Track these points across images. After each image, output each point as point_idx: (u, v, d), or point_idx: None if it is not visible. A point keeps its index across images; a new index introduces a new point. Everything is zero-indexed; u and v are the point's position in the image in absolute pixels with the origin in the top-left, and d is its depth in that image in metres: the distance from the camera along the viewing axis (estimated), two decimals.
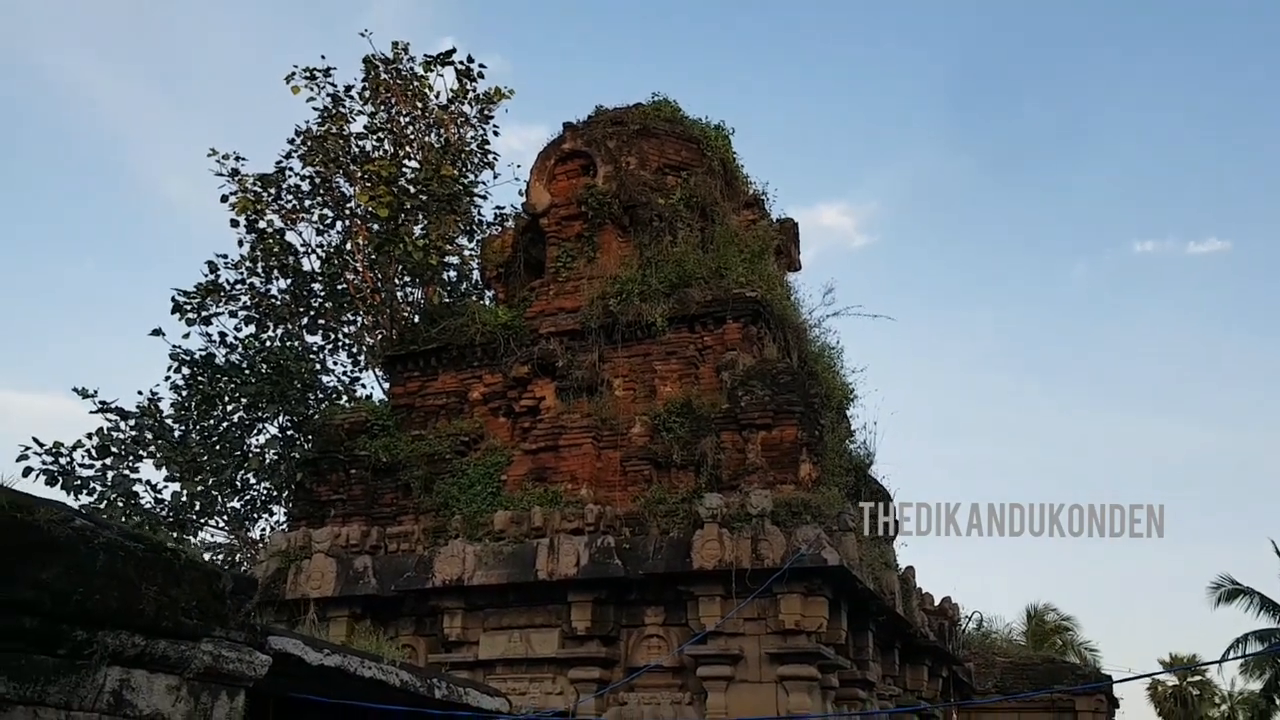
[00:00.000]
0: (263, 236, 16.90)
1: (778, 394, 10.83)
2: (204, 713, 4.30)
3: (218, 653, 4.30)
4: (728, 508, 10.00)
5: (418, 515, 11.94)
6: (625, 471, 11.28)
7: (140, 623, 3.93)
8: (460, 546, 10.88)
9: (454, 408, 12.63)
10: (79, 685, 3.78)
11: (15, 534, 3.48)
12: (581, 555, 10.36)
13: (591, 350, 11.89)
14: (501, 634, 10.84)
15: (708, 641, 9.75)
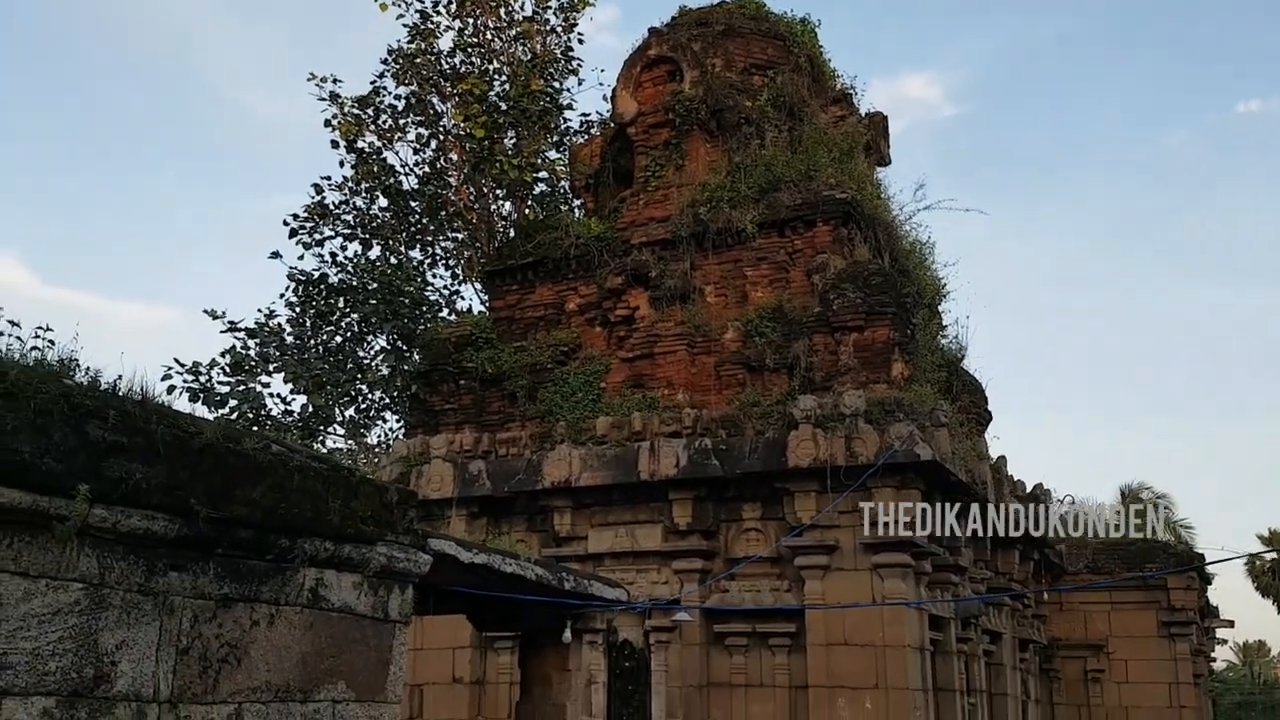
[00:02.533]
0: (363, 157, 17.62)
1: (869, 296, 11.18)
2: (382, 604, 5.10)
3: (390, 554, 5.06)
4: (821, 409, 10.51)
5: (524, 422, 12.74)
6: (719, 376, 11.83)
7: (328, 531, 4.68)
8: (566, 450, 11.67)
9: (552, 319, 13.29)
10: (285, 584, 4.56)
11: (228, 460, 4.20)
12: (680, 457, 11.04)
13: (683, 258, 12.34)
14: (608, 529, 11.68)
15: (804, 534, 10.40)
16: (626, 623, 11.11)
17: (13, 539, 3.48)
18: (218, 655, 4.21)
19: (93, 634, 3.72)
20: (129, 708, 3.81)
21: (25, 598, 3.51)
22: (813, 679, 10.07)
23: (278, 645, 4.47)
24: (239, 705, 4.26)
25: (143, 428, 3.82)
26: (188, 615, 4.09)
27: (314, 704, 4.61)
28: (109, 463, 3.68)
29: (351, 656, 4.86)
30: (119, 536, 3.81)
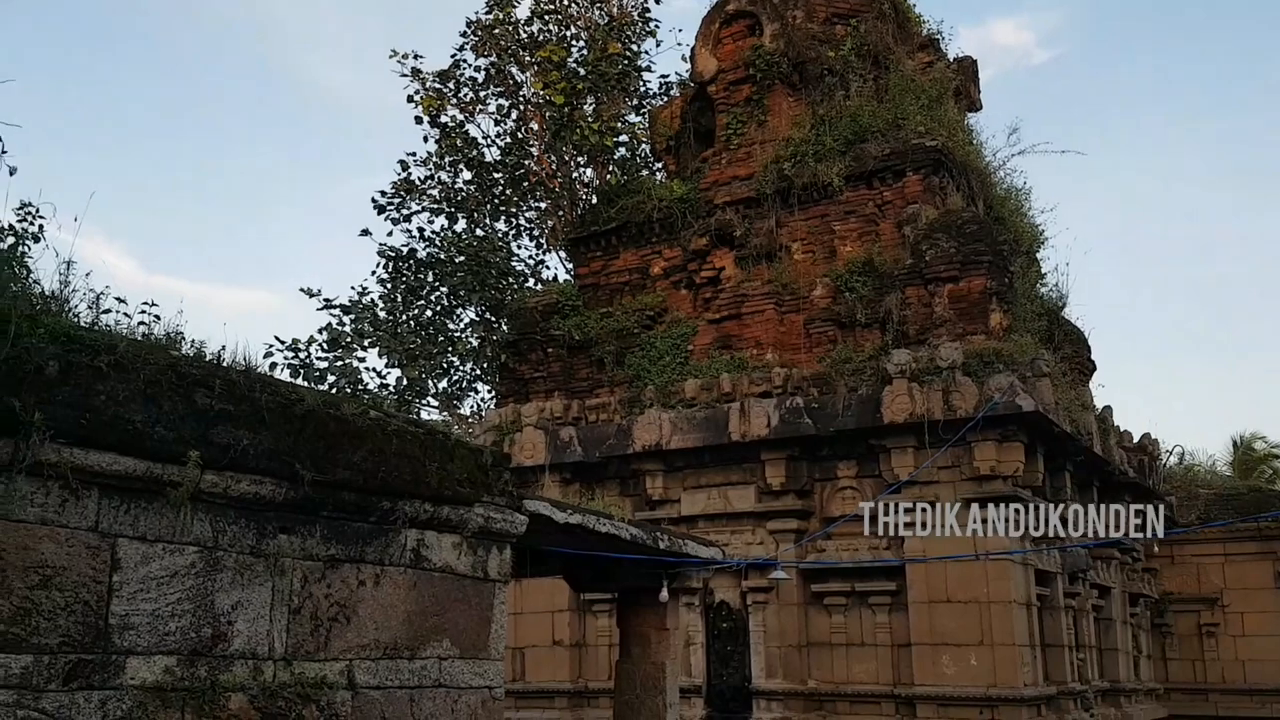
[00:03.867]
0: (446, 131, 17.91)
1: (963, 245, 10.95)
2: (481, 564, 5.23)
3: (487, 515, 5.19)
4: (916, 362, 10.36)
5: (612, 387, 12.86)
6: (809, 334, 11.75)
7: (427, 493, 4.81)
8: (656, 414, 11.74)
9: (637, 284, 13.35)
10: (388, 545, 4.71)
11: (329, 426, 4.35)
12: (771, 416, 11.02)
13: (768, 216, 12.25)
14: (700, 492, 11.74)
15: (902, 491, 10.30)
16: (723, 585, 11.19)
17: (129, 505, 3.67)
18: (328, 614, 4.38)
19: (209, 595, 3.91)
20: (246, 665, 4.00)
21: (144, 561, 3.71)
22: (915, 637, 10.01)
23: (384, 604, 4.64)
24: (350, 662, 4.43)
25: (247, 395, 3.97)
26: (298, 576, 4.26)
27: (421, 660, 4.78)
28: (217, 430, 3.84)
29: (454, 615, 5.01)
30: (229, 501, 3.98)
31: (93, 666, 3.49)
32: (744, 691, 10.96)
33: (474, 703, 5.05)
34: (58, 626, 3.40)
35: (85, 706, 3.44)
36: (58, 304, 3.55)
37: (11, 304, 3.26)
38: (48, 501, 3.41)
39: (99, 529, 3.57)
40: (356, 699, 4.43)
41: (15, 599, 3.30)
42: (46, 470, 3.35)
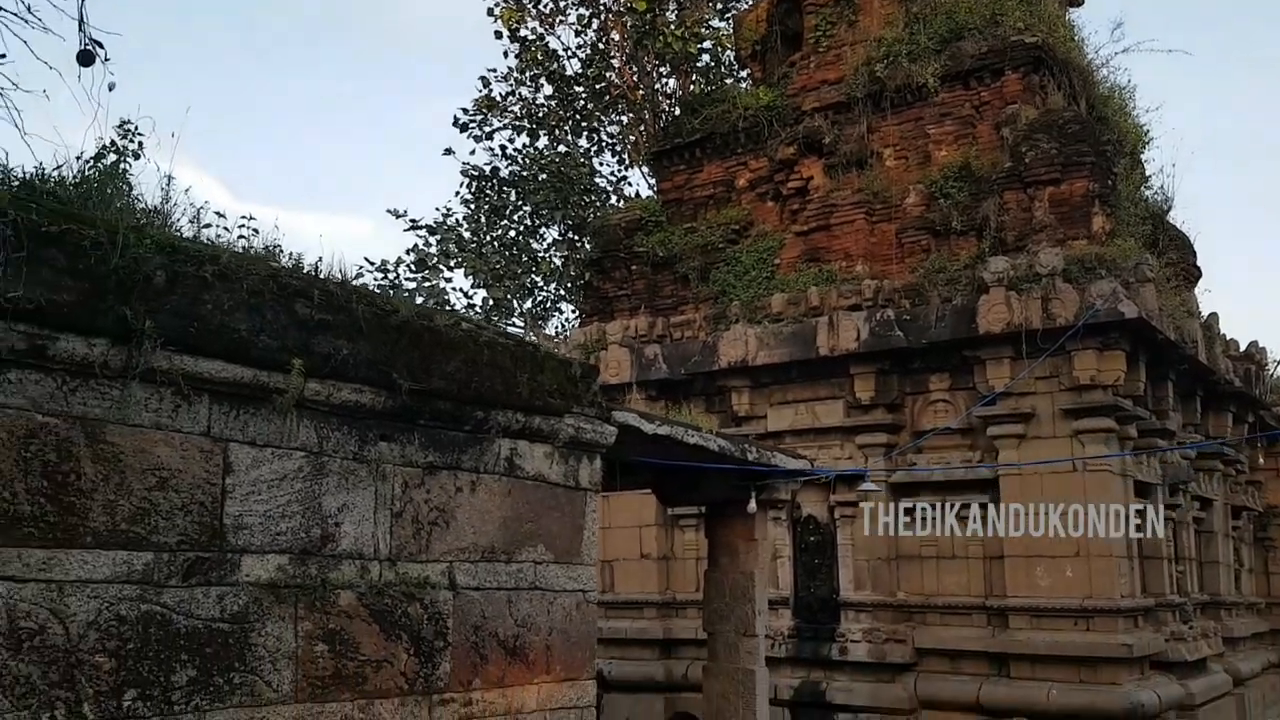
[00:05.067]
0: (526, 45, 17.83)
1: (1065, 145, 10.59)
2: (573, 473, 5.39)
3: (577, 425, 5.32)
4: (1014, 269, 10.13)
5: (697, 304, 12.87)
6: (901, 244, 11.54)
7: (519, 403, 4.95)
8: (742, 330, 11.74)
9: (722, 197, 13.24)
10: (482, 454, 4.88)
11: (423, 336, 4.49)
12: (861, 329, 10.93)
13: (858, 121, 11.99)
14: (787, 407, 11.76)
15: (997, 402, 10.17)
16: (810, 499, 11.27)
17: (238, 411, 3.87)
18: (428, 519, 4.58)
19: (316, 498, 4.12)
20: (353, 565, 4.22)
21: (254, 465, 3.92)
22: (1009, 549, 9.98)
23: (480, 510, 4.82)
24: (450, 564, 4.64)
25: (344, 306, 4.12)
26: (398, 481, 4.46)
27: (517, 564, 4.97)
28: (317, 339, 4.00)
29: (548, 522, 5.19)
30: (332, 409, 4.17)
31: (210, 564, 3.72)
32: (832, 603, 11.11)
33: (569, 605, 5.25)
34: (176, 526, 3.63)
35: (204, 601, 3.69)
36: (161, 217, 3.71)
37: (118, 216, 3.42)
38: (161, 407, 3.61)
39: (211, 434, 3.77)
40: (458, 599, 4.65)
41: (135, 499, 3.53)
42: (159, 377, 3.55)
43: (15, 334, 3.16)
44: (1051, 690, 9.55)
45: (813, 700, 10.79)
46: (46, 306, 3.19)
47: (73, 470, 3.35)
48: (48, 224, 3.20)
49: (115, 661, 3.41)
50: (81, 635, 3.33)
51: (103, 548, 3.41)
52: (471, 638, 4.70)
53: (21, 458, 3.23)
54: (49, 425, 3.31)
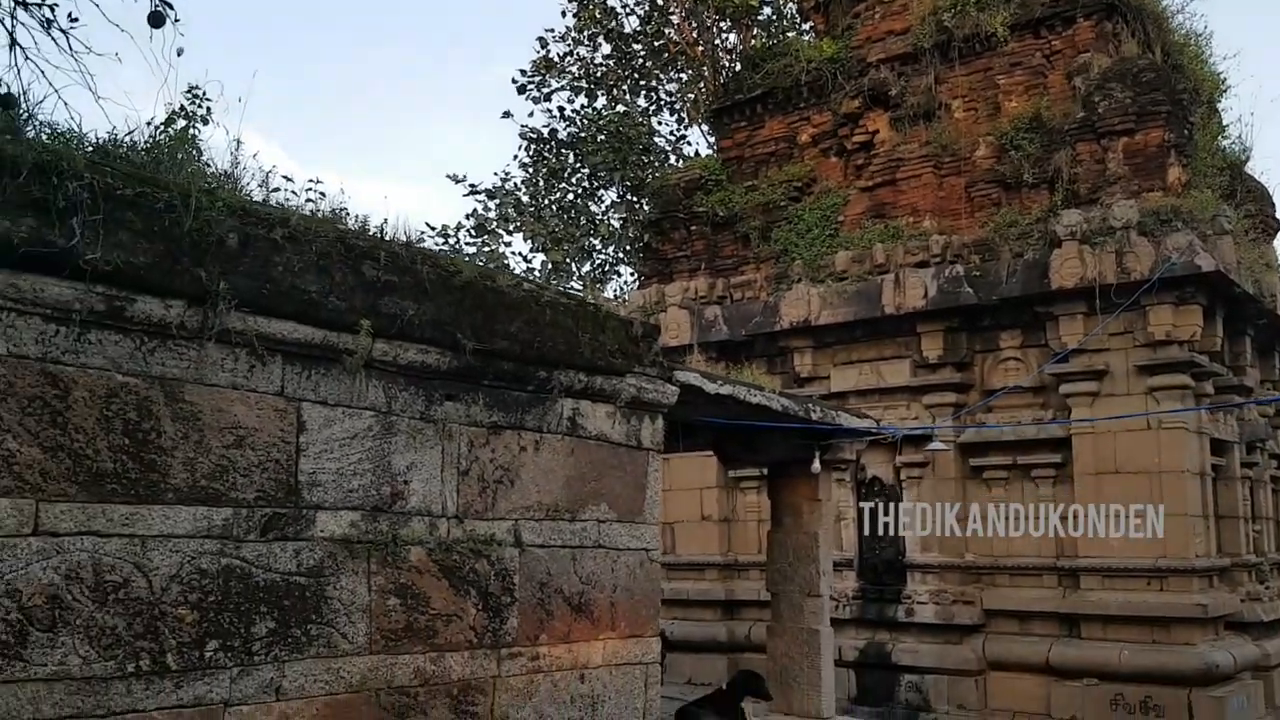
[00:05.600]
0: (584, 3, 17.74)
1: (1139, 95, 10.30)
2: (635, 433, 5.44)
3: (639, 385, 5.37)
4: (1087, 223, 9.94)
5: (758, 264, 12.81)
6: (970, 198, 11.36)
7: (581, 363, 5.01)
8: (804, 289, 11.68)
9: (784, 153, 13.12)
10: (545, 414, 4.95)
11: (486, 297, 4.56)
12: (929, 286, 10.80)
13: (926, 73, 11.77)
14: (851, 368, 11.69)
15: (1070, 359, 10.01)
16: (875, 460, 11.22)
17: (310, 371, 3.98)
18: (493, 477, 4.68)
19: (386, 456, 4.23)
20: (423, 521, 4.34)
21: (326, 424, 4.03)
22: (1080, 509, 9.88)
23: (544, 469, 4.91)
24: (516, 522, 4.74)
25: (410, 267, 4.20)
26: (464, 441, 4.55)
27: (581, 522, 5.06)
28: (384, 300, 4.09)
29: (610, 481, 5.26)
30: (399, 369, 4.26)
31: (286, 519, 3.85)
32: (897, 565, 11.09)
33: (632, 563, 5.33)
34: (253, 483, 3.76)
35: (281, 555, 3.82)
36: (231, 181, 3.81)
37: (190, 180, 3.52)
38: (237, 367, 3.73)
39: (284, 393, 3.89)
40: (523, 556, 4.75)
41: (213, 457, 3.66)
42: (233, 338, 3.66)
43: (94, 295, 3.29)
44: (1123, 651, 9.47)
45: (878, 661, 10.82)
46: (124, 268, 3.30)
47: (153, 429, 3.49)
48: (122, 187, 3.31)
49: (197, 613, 3.55)
50: (164, 588, 3.48)
51: (183, 504, 3.55)
52: (537, 594, 4.80)
53: (104, 416, 3.37)
54: (129, 385, 3.44)
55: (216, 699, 3.57)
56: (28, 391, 3.20)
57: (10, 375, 3.16)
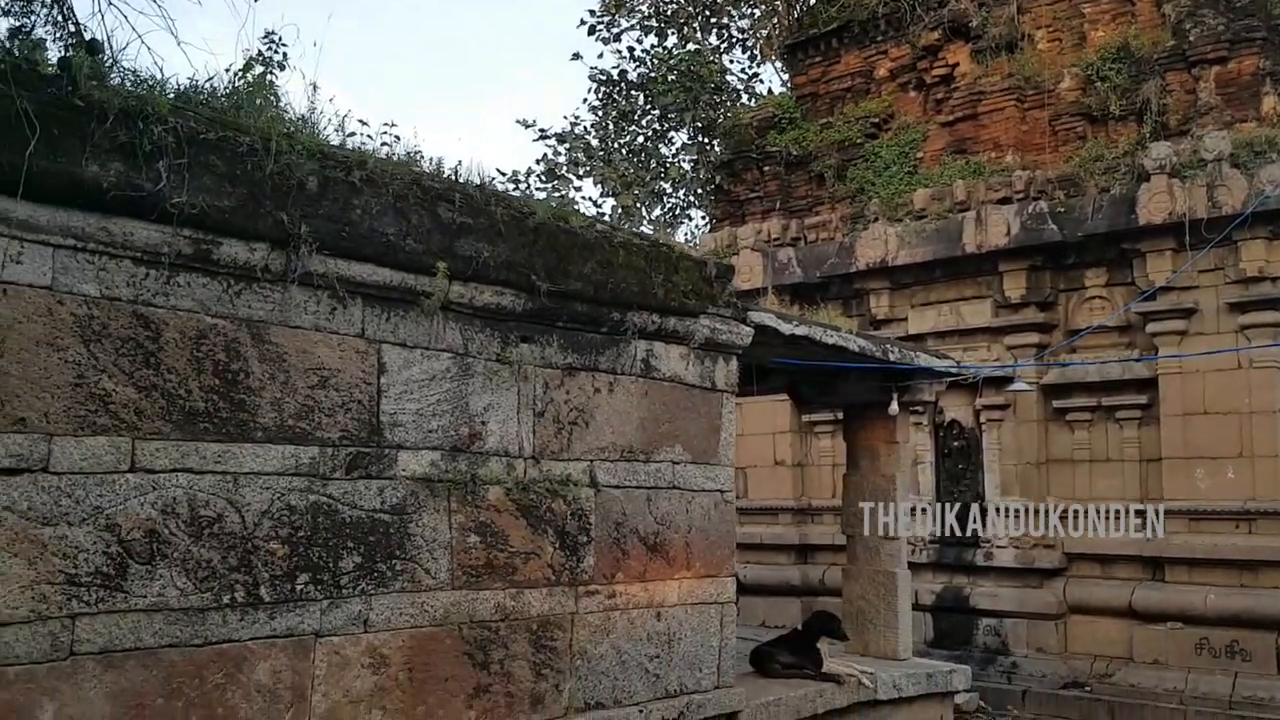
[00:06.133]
0: None
1: (1233, 21, 9.87)
2: (709, 375, 5.46)
3: (713, 326, 5.38)
4: (1177, 156, 9.61)
5: (833, 203, 12.63)
6: (1054, 131, 11.04)
7: (654, 304, 5.03)
8: (881, 229, 11.50)
9: (860, 89, 12.86)
10: (619, 355, 5.00)
11: (559, 238, 4.59)
12: (1011, 224, 10.56)
13: (1008, 2, 11.39)
14: (930, 309, 11.51)
15: (1157, 297, 9.74)
16: (953, 403, 11.09)
17: (389, 313, 4.06)
18: (568, 418, 4.75)
19: (463, 398, 4.31)
20: (500, 462, 4.43)
21: (405, 365, 4.13)
22: (1166, 450, 9.67)
23: (618, 411, 4.96)
24: (591, 463, 4.81)
25: (484, 209, 4.25)
26: (539, 382, 4.62)
27: (655, 464, 5.12)
28: (460, 242, 4.15)
29: (684, 423, 5.30)
30: (475, 311, 4.33)
31: (370, 458, 3.97)
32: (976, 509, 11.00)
33: (707, 504, 5.39)
34: (337, 422, 3.88)
35: (366, 493, 3.95)
36: (308, 125, 3.88)
37: (270, 124, 3.59)
38: (319, 309, 3.83)
39: (365, 335, 3.98)
40: (599, 496, 4.83)
41: (299, 397, 3.77)
42: (315, 280, 3.75)
43: (182, 239, 3.39)
44: (1209, 594, 9.31)
45: (955, 605, 10.80)
46: (209, 211, 3.40)
47: (241, 369, 3.61)
48: (205, 131, 3.39)
49: (287, 548, 3.70)
50: (256, 523, 3.62)
51: (272, 442, 3.67)
52: (613, 533, 4.88)
53: (194, 357, 3.49)
54: (218, 326, 3.56)
55: (308, 630, 3.73)
56: (121, 333, 3.33)
57: (104, 317, 3.29)
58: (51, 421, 3.16)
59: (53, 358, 3.17)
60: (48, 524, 3.14)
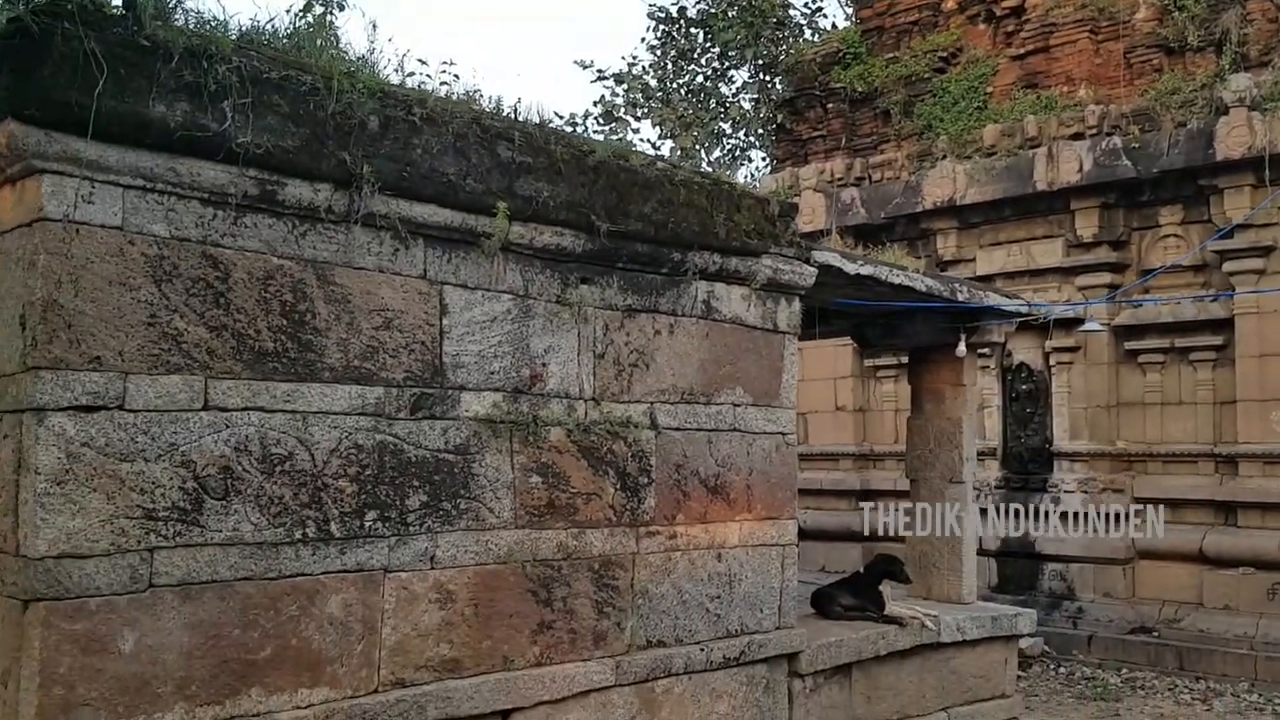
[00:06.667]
0: None
1: None
2: (771, 316, 5.43)
3: (775, 266, 5.33)
4: (1257, 88, 9.28)
5: (899, 141, 12.41)
6: (1129, 64, 10.70)
7: (715, 244, 4.99)
8: (949, 167, 11.28)
9: (927, 22, 12.55)
10: (679, 296, 4.98)
11: (619, 177, 4.56)
12: (1084, 160, 10.31)
13: None
14: (998, 249, 11.31)
15: (1235, 235, 9.47)
16: (1022, 345, 10.93)
17: (450, 255, 4.09)
18: (628, 360, 4.76)
19: (524, 339, 4.34)
20: (561, 403, 4.46)
21: (467, 307, 4.16)
22: (1241, 393, 9.46)
23: (679, 353, 4.96)
24: (651, 405, 4.83)
25: (544, 148, 4.24)
26: (599, 324, 4.63)
27: (716, 406, 5.12)
28: (520, 182, 4.15)
29: (745, 365, 5.28)
30: (535, 252, 4.34)
31: (433, 399, 4.02)
32: (1044, 453, 10.88)
33: (768, 447, 5.38)
34: (401, 363, 3.93)
35: (430, 433, 4.01)
36: (368, 65, 3.88)
37: (331, 63, 3.61)
38: (382, 250, 3.87)
39: (427, 276, 4.02)
40: (659, 438, 4.85)
41: (364, 338, 3.83)
42: (378, 221, 3.78)
43: (247, 179, 3.43)
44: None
45: (1021, 550, 10.73)
46: (274, 151, 3.43)
47: (308, 310, 3.66)
48: (268, 70, 3.42)
49: (356, 485, 3.78)
50: (325, 461, 3.70)
51: (339, 382, 3.74)
52: (674, 475, 4.91)
53: (262, 297, 3.56)
54: (284, 267, 3.61)
55: (377, 565, 3.82)
56: (191, 273, 3.39)
57: (175, 258, 3.36)
58: (126, 360, 3.25)
59: (126, 297, 3.25)
60: (125, 460, 3.24)
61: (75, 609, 3.13)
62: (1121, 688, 8.94)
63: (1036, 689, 8.85)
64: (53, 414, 3.11)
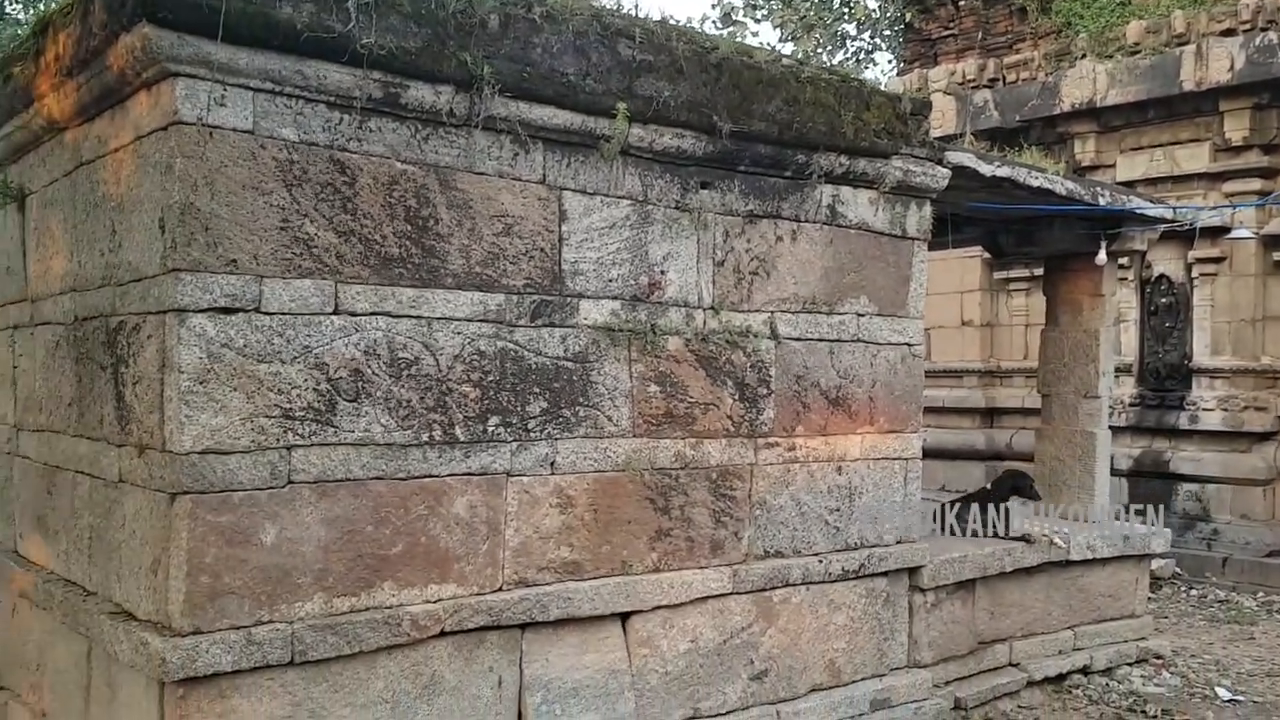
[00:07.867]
0: None
1: None
2: (899, 221, 5.28)
3: (905, 168, 5.16)
4: None
5: (1035, 40, 11.85)
6: None
7: (842, 145, 4.85)
8: (1089, 66, 10.73)
9: None
10: (803, 201, 4.88)
11: (743, 74, 4.45)
12: (1236, 58, 9.70)
13: None
14: (1141, 154, 10.78)
15: None
16: (1163, 256, 10.45)
17: (568, 159, 4.07)
18: (748, 268, 4.70)
19: (643, 246, 4.32)
20: (679, 312, 4.45)
21: (585, 213, 4.15)
22: None
23: (801, 260, 4.88)
24: (771, 314, 4.78)
25: (665, 45, 4.15)
26: (719, 231, 4.58)
27: (838, 315, 5.03)
28: (640, 82, 4.08)
29: (871, 272, 5.16)
30: (655, 155, 4.29)
31: (552, 306, 4.05)
32: (1182, 369, 10.45)
33: (893, 358, 5.29)
34: (521, 270, 3.96)
35: (549, 340, 4.05)
36: None
37: None
38: (502, 155, 3.87)
39: (546, 182, 4.02)
40: (779, 348, 4.81)
41: (485, 245, 3.87)
42: (498, 124, 3.78)
43: (372, 82, 3.46)
44: None
45: (1154, 470, 10.40)
46: (396, 53, 3.44)
47: (431, 216, 3.71)
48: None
49: (479, 391, 3.86)
50: (449, 366, 3.78)
51: (461, 289, 3.79)
52: (794, 386, 4.87)
53: (387, 203, 3.61)
54: (408, 173, 3.66)
55: (499, 469, 3.91)
56: (320, 178, 3.46)
57: (304, 162, 3.43)
58: (260, 264, 3.35)
59: (258, 201, 3.34)
60: (263, 361, 3.37)
61: (220, 502, 3.30)
62: (1257, 611, 8.67)
63: (1166, 610, 8.64)
64: (193, 315, 3.24)
